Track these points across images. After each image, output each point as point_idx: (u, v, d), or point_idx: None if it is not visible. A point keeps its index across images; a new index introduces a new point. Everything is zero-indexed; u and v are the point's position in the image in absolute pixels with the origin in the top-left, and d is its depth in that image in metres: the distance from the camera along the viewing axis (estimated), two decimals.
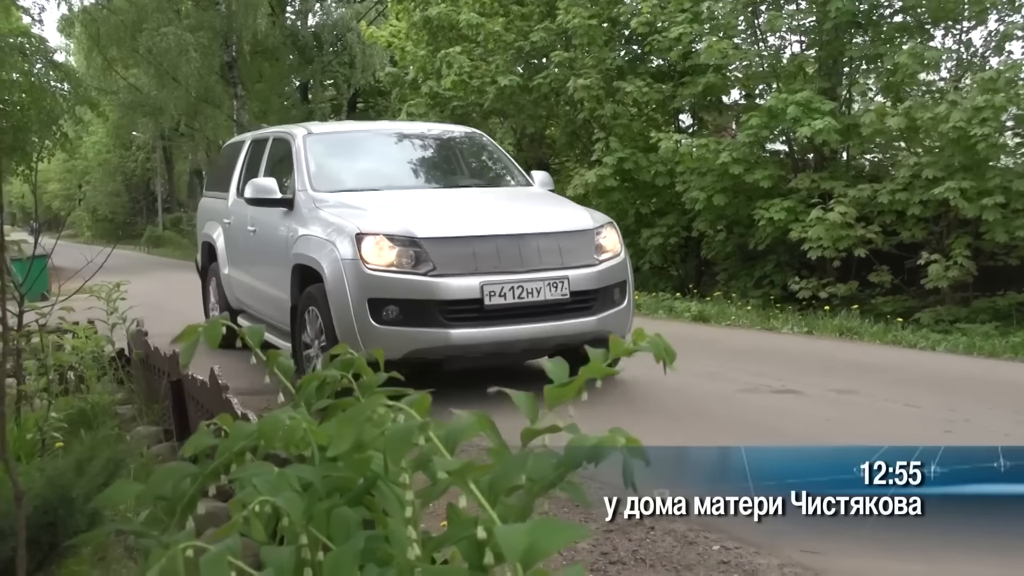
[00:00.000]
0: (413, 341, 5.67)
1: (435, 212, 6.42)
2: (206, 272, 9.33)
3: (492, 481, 1.28)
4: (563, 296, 5.90)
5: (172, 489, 1.61)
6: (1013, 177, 9.34)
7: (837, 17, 11.06)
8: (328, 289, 5.91)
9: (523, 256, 5.88)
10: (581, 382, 1.63)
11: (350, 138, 7.98)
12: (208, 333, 1.73)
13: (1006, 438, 5.01)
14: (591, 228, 6.35)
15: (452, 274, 5.75)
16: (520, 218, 6.35)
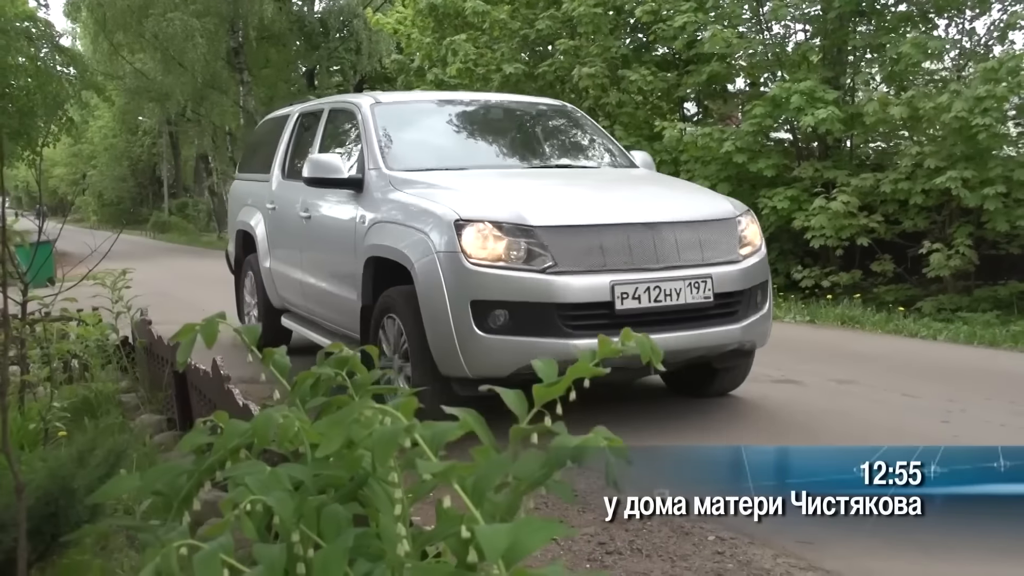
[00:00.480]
0: (526, 354, 4.50)
1: (548, 195, 5.49)
2: (240, 266, 8.29)
3: (476, 480, 1.32)
4: (705, 299, 4.96)
5: (168, 485, 1.66)
6: (1014, 167, 9.35)
7: (841, 6, 11.05)
8: (419, 289, 4.92)
9: (659, 250, 4.94)
10: (568, 381, 1.66)
11: (424, 109, 6.95)
12: (205, 332, 1.77)
13: (1002, 428, 5.05)
14: (733, 216, 5.40)
15: (576, 271, 4.78)
16: (652, 204, 5.40)
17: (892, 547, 3.49)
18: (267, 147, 7.85)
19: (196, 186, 45.12)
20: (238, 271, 8.37)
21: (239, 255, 8.25)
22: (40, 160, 29.99)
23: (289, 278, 6.96)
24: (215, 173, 36.75)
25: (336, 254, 6.03)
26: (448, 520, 1.50)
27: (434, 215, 4.97)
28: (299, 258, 6.76)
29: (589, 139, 6.83)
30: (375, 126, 6.01)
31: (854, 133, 11.43)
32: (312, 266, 6.54)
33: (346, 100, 6.82)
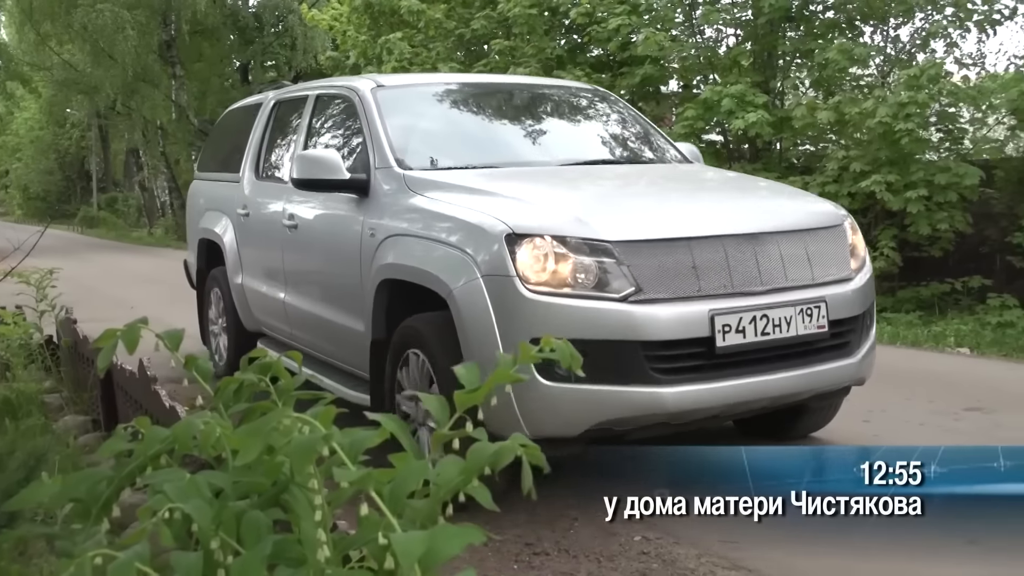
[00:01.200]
0: (603, 408, 3.68)
1: (617, 200, 4.50)
2: (203, 280, 7.14)
3: (394, 487, 1.34)
4: (819, 329, 4.01)
5: (88, 491, 1.66)
6: (936, 171, 9.60)
7: (771, 12, 11.24)
8: (460, 324, 3.85)
9: (762, 267, 3.96)
10: (489, 387, 1.69)
11: (436, 94, 5.64)
12: (126, 337, 1.77)
13: (920, 427, 5.19)
14: (841, 223, 4.45)
15: (665, 299, 3.75)
16: (747, 209, 4.41)
17: (815, 545, 3.59)
18: (234, 142, 6.79)
19: (126, 181, 44.29)
20: (200, 286, 7.25)
21: (202, 267, 7.14)
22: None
23: (269, 298, 5.91)
24: (146, 168, 36.14)
25: (335, 274, 5.02)
26: (369, 526, 1.52)
27: (475, 227, 3.94)
28: (282, 275, 5.70)
29: (636, 129, 5.80)
30: (380, 114, 4.94)
31: (783, 136, 11.64)
32: (301, 286, 5.52)
33: (339, 84, 5.72)
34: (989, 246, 10.20)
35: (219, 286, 6.77)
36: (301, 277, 5.56)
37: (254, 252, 6.20)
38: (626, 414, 3.71)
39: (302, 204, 5.40)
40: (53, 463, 3.35)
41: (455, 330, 3.89)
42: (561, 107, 5.84)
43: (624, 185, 4.92)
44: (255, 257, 6.19)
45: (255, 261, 6.19)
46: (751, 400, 3.95)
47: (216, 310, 6.90)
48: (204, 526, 1.29)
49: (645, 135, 5.72)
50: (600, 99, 6.01)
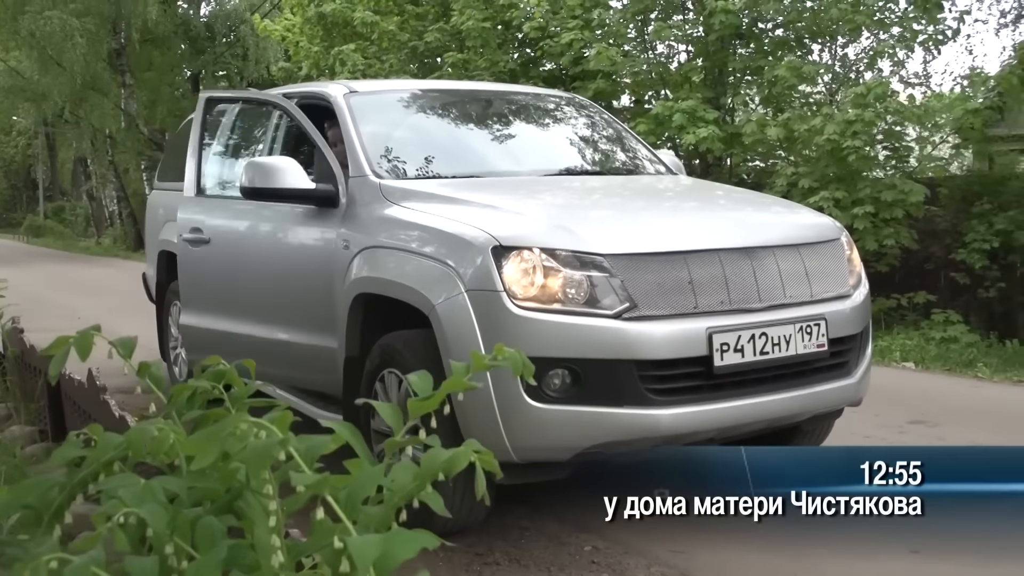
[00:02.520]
0: (595, 430, 3.51)
1: (607, 212, 4.38)
2: (163, 293, 6.82)
3: (350, 492, 1.36)
4: (819, 348, 3.86)
5: (39, 499, 1.65)
6: (882, 188, 9.79)
7: (721, 29, 11.40)
8: (443, 341, 3.65)
9: (760, 283, 3.80)
10: (443, 395, 1.72)
11: (410, 101, 5.43)
12: (79, 344, 1.76)
13: (866, 439, 5.28)
14: (838, 237, 4.33)
15: (660, 315, 3.58)
16: (742, 221, 4.27)
17: (760, 552, 3.65)
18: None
19: (74, 190, 43.66)
20: (160, 299, 6.92)
21: (161, 280, 6.81)
22: None
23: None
24: (94, 177, 35.65)
25: (300, 289, 4.72)
26: (323, 531, 1.53)
27: (459, 239, 3.76)
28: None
29: (617, 138, 5.62)
30: (353, 121, 4.71)
31: (733, 152, 11.80)
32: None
33: (309, 89, 5.47)
34: (934, 263, 10.44)
35: (179, 299, 6.26)
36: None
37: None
38: (619, 437, 3.53)
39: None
40: (0, 473, 3.30)
41: (436, 348, 3.69)
42: (540, 115, 5.68)
43: (612, 196, 4.73)
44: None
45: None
46: (748, 422, 3.80)
47: (176, 325, 6.46)
48: (159, 531, 1.30)
49: (627, 145, 5.57)
50: (579, 108, 5.87)
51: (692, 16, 12.50)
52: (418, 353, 3.83)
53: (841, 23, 11.01)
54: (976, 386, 7.36)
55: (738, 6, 11.20)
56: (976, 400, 6.76)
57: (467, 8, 13.58)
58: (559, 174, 5.01)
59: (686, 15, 12.68)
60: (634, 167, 5.36)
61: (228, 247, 5.23)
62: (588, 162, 5.38)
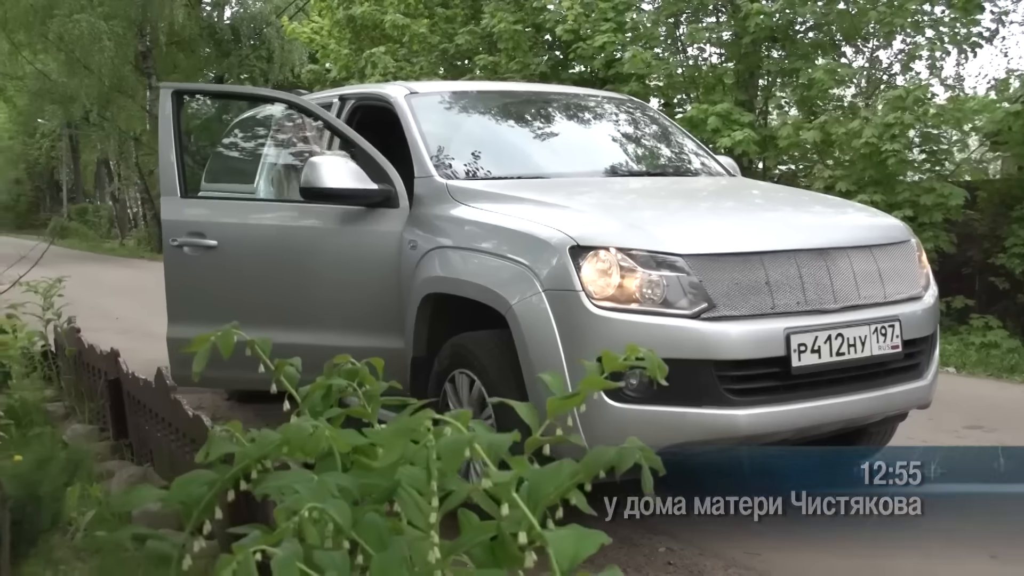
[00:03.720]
0: (673, 431, 3.50)
1: (683, 213, 4.37)
2: None
3: (530, 490, 1.37)
4: (893, 349, 3.86)
5: (187, 494, 1.68)
6: (920, 192, 9.75)
7: (756, 32, 11.39)
8: (520, 341, 3.66)
9: (835, 284, 3.80)
10: (584, 396, 1.73)
11: (471, 102, 5.44)
12: (222, 342, 1.79)
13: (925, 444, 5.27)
14: (909, 238, 4.33)
15: (738, 316, 3.59)
16: (816, 223, 4.30)
17: (837, 554, 3.64)
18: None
19: (97, 191, 43.94)
20: None
21: None
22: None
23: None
24: (118, 179, 35.85)
25: (363, 289, 4.65)
26: (472, 529, 1.55)
27: (536, 238, 3.76)
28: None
29: (677, 140, 5.61)
30: (416, 121, 4.72)
31: (767, 155, 11.77)
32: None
33: (369, 91, 5.49)
34: (972, 267, 10.37)
35: None
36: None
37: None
38: (697, 437, 3.53)
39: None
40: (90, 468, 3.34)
41: (510, 349, 3.71)
42: (600, 116, 5.66)
43: (682, 197, 4.73)
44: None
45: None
46: (824, 423, 3.80)
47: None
48: (344, 526, 1.32)
49: (686, 147, 5.56)
50: (638, 110, 5.87)
51: (724, 19, 12.47)
52: (491, 353, 3.86)
53: (878, 25, 10.96)
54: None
55: (773, 9, 11.17)
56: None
57: (498, 11, 13.60)
58: (623, 175, 5.03)
59: (719, 17, 12.65)
60: (696, 169, 5.36)
61: (247, 251, 4.96)
62: (647, 163, 5.37)
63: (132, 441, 4.73)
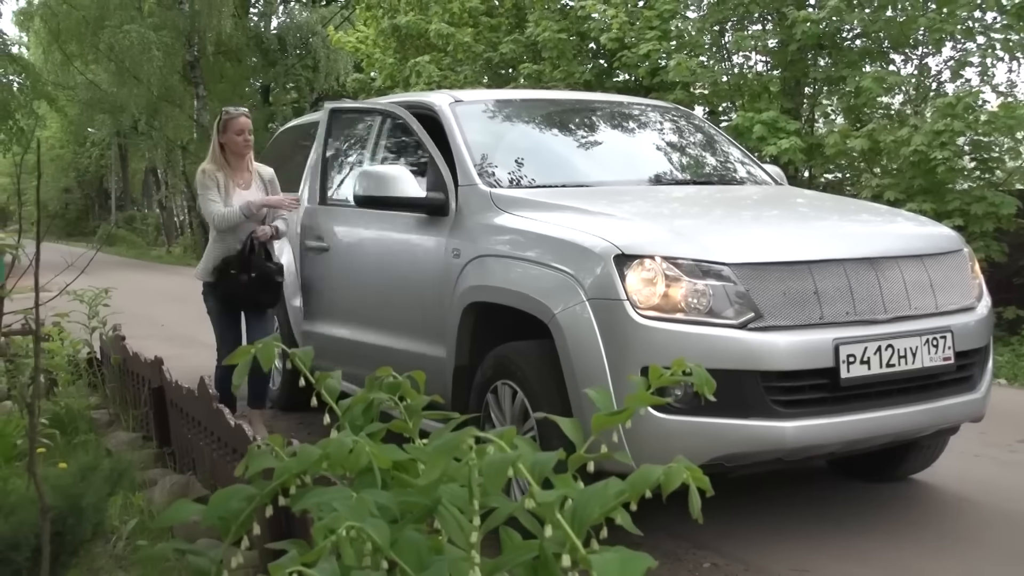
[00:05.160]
0: (719, 442, 3.44)
1: (729, 222, 4.28)
2: None
3: (576, 510, 1.33)
4: (945, 360, 3.76)
5: (226, 509, 1.65)
6: (971, 200, 9.58)
7: (802, 40, 11.27)
8: (563, 351, 3.61)
9: (885, 294, 3.72)
10: (631, 411, 1.68)
11: (515, 110, 5.45)
12: (263, 354, 1.77)
13: (976, 459, 5.14)
14: (961, 248, 4.23)
15: (786, 326, 3.51)
16: (865, 232, 4.21)
17: (883, 570, 3.55)
18: (289, 162, 6.58)
19: (144, 199, 44.60)
20: None
21: None
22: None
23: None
24: (165, 187, 36.34)
25: (410, 297, 4.72)
26: (513, 549, 1.51)
27: (580, 247, 3.70)
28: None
29: (723, 149, 5.59)
30: (460, 130, 4.73)
31: (813, 163, 11.64)
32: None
33: (412, 99, 5.48)
34: (1023, 277, 10.16)
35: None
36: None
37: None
38: (743, 449, 3.48)
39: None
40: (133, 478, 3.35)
41: (554, 360, 3.67)
42: (645, 125, 5.62)
43: (726, 205, 4.65)
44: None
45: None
46: (873, 436, 3.72)
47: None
48: (384, 546, 1.29)
49: (733, 156, 5.52)
50: (683, 118, 5.81)
51: (770, 27, 12.35)
52: (534, 364, 3.83)
53: (927, 32, 10.80)
54: None
55: (820, 16, 11.04)
56: None
57: (543, 19, 13.60)
58: (668, 183, 4.98)
59: (764, 25, 12.54)
60: (742, 178, 5.30)
61: (343, 255, 5.47)
62: (696, 172, 5.31)
63: (175, 449, 4.75)
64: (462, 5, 15.29)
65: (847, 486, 4.66)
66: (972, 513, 4.30)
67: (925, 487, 4.66)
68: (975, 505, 4.40)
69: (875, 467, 4.62)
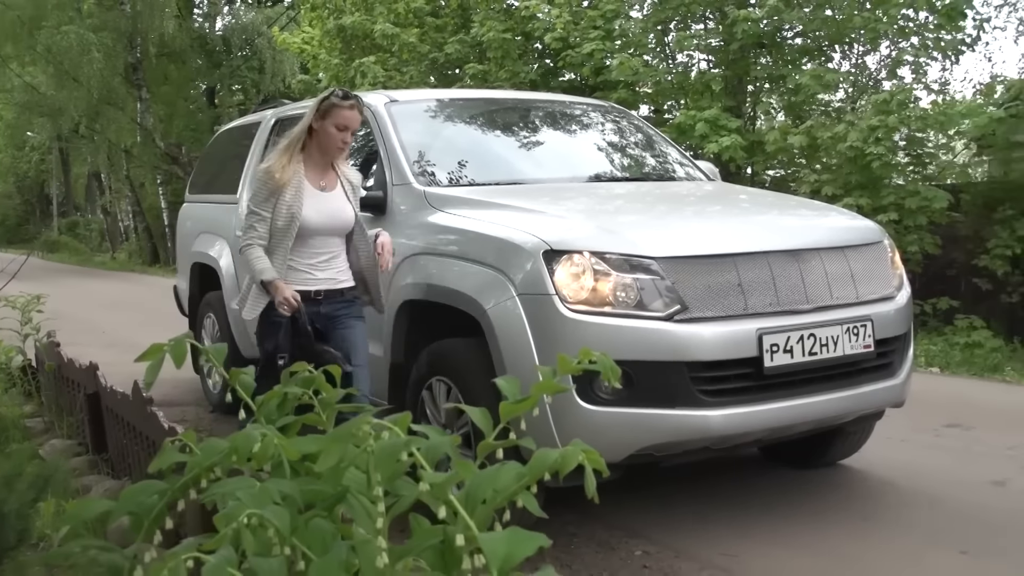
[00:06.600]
0: (647, 432, 3.51)
1: (656, 217, 4.34)
2: (196, 306, 6.91)
3: (468, 492, 1.37)
4: (866, 348, 3.89)
5: (138, 504, 1.67)
6: (905, 195, 9.78)
7: (743, 39, 11.43)
8: (494, 346, 3.66)
9: (807, 285, 3.82)
10: (535, 399, 1.72)
11: (450, 109, 5.47)
12: (174, 351, 1.78)
13: (903, 443, 5.26)
14: (881, 240, 4.37)
15: (711, 317, 3.60)
16: (789, 225, 4.32)
17: (810, 555, 3.64)
18: (230, 163, 6.56)
19: (88, 205, 43.87)
20: (193, 312, 7.01)
21: (194, 293, 6.90)
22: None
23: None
24: (109, 192, 35.80)
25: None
26: (422, 534, 1.55)
27: (509, 243, 3.74)
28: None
29: (656, 146, 5.64)
30: (395, 130, 4.73)
31: (755, 160, 11.80)
32: None
33: None
34: (956, 268, 10.40)
35: (213, 312, 6.52)
36: None
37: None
38: (672, 439, 3.55)
39: None
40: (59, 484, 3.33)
41: (486, 356, 3.71)
42: (576, 123, 5.68)
43: (655, 201, 4.72)
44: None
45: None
46: (797, 423, 3.81)
47: (210, 337, 6.56)
48: (284, 532, 1.32)
49: (665, 152, 5.60)
50: (615, 116, 5.88)
51: (712, 26, 12.50)
52: (467, 361, 3.87)
53: (863, 31, 11.00)
54: (1007, 390, 7.33)
55: (760, 15, 11.21)
56: (1008, 403, 6.74)
57: (488, 20, 13.65)
58: (599, 180, 5.04)
59: (707, 24, 12.69)
60: (673, 174, 5.39)
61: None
62: (627, 168, 5.39)
63: (111, 455, 4.72)
64: (407, 6, 15.28)
65: (776, 473, 4.77)
66: (896, 496, 4.43)
67: (852, 472, 4.79)
68: (899, 489, 4.53)
69: (803, 454, 4.75)
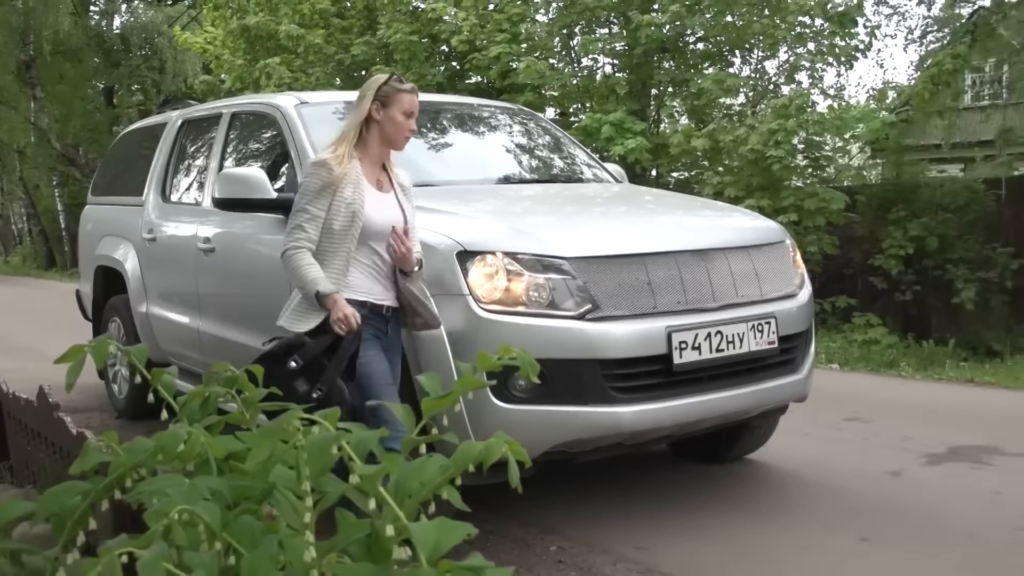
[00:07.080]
0: (560, 429, 3.59)
1: (567, 218, 4.43)
2: (100, 310, 6.84)
3: (396, 484, 1.42)
4: (770, 344, 4.03)
5: (62, 506, 1.67)
6: (804, 196, 10.10)
7: (647, 43, 11.64)
8: (411, 345, 3.71)
9: (714, 283, 3.96)
10: (456, 395, 1.77)
11: None
12: (96, 352, 1.78)
13: (805, 437, 5.46)
14: (783, 240, 4.53)
15: (622, 316, 3.70)
16: (696, 226, 4.43)
17: (720, 545, 3.77)
18: (135, 164, 6.54)
19: None
20: (97, 316, 6.91)
21: (98, 296, 6.82)
22: None
23: (179, 325, 5.57)
24: (2, 193, 34.62)
25: (261, 296, 4.57)
26: (348, 527, 1.58)
27: (423, 244, 3.71)
28: (197, 301, 5.35)
29: (566, 149, 5.75)
30: (306, 132, 4.69)
31: (659, 162, 12.04)
32: (219, 311, 5.17)
33: (259, 101, 5.45)
34: (853, 268, 10.79)
35: (119, 316, 6.44)
36: (219, 302, 5.19)
37: (162, 278, 5.83)
38: (584, 435, 3.64)
39: (219, 226, 5.11)
40: None
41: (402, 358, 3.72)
42: (488, 125, 5.75)
43: (569, 203, 4.81)
44: (164, 283, 5.83)
45: (164, 288, 5.83)
46: (706, 418, 3.94)
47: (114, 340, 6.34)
48: (215, 527, 1.34)
49: (574, 155, 5.71)
50: (526, 119, 5.97)
51: (617, 30, 12.71)
52: None
53: (762, 37, 11.32)
54: (901, 384, 7.65)
55: (663, 21, 11.44)
56: (903, 397, 7.04)
57: (394, 22, 13.63)
58: (509, 182, 5.11)
59: (611, 29, 12.90)
60: (581, 175, 5.49)
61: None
62: (537, 170, 5.47)
63: (13, 463, 4.60)
64: (313, 7, 15.14)
65: (686, 468, 4.91)
66: (800, 488, 4.60)
67: (758, 466, 4.96)
68: (802, 480, 4.71)
69: (711, 449, 4.90)
